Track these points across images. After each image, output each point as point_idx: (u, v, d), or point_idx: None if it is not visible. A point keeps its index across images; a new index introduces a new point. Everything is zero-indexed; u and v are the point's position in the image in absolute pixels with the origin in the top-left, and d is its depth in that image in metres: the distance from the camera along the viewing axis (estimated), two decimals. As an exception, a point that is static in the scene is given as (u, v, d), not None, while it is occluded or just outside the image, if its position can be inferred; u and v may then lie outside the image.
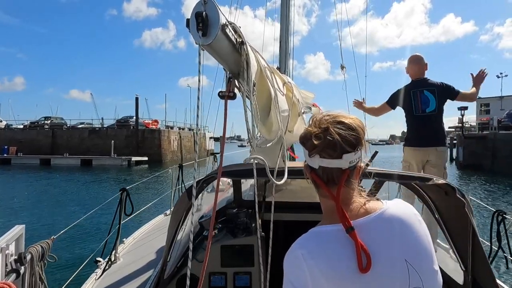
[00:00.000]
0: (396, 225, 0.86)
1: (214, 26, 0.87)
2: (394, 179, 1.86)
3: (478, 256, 1.78)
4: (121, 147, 31.96)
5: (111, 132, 34.56)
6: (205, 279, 2.20)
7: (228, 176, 1.90)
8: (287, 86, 1.73)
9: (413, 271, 0.83)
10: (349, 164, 0.87)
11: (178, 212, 2.02)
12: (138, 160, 30.24)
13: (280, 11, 5.14)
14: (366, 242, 0.81)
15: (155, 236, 3.88)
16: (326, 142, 0.86)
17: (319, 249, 0.83)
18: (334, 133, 0.86)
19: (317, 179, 0.91)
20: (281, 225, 3.19)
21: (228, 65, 1.08)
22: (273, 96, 1.26)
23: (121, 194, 3.36)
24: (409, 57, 3.90)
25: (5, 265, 1.88)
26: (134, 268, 2.95)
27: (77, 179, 20.45)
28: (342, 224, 0.83)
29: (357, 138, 0.88)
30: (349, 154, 0.86)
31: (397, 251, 0.84)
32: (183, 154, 38.09)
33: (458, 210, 1.74)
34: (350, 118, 0.91)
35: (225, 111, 1.05)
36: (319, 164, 0.88)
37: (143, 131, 34.21)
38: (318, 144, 0.87)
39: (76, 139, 34.55)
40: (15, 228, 2.06)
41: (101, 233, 7.80)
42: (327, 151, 0.86)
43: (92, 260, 3.18)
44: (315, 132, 0.88)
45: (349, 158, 0.87)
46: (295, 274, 0.83)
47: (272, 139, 1.30)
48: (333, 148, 0.86)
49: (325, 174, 0.89)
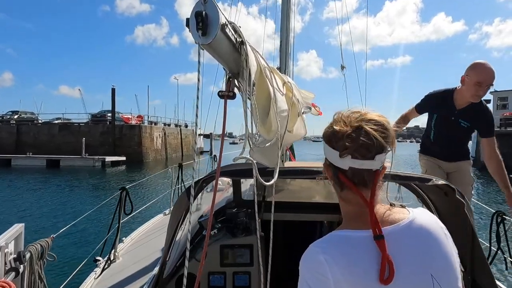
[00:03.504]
0: (424, 237, 0.83)
1: (214, 25, 0.87)
2: (394, 179, 1.86)
3: (478, 257, 1.78)
4: (96, 146, 28.06)
5: (84, 129, 30.31)
6: (204, 278, 2.20)
7: (226, 175, 1.90)
8: (287, 86, 1.73)
9: (438, 287, 0.79)
10: (380, 165, 0.83)
11: (177, 212, 2.02)
12: (115, 161, 26.17)
13: (281, 10, 5.14)
14: (392, 252, 0.77)
15: (154, 235, 3.88)
16: (360, 142, 0.80)
17: (344, 255, 0.78)
18: (370, 132, 0.80)
19: (347, 181, 0.84)
20: (280, 225, 3.19)
21: (228, 64, 1.08)
22: (272, 96, 1.26)
23: (120, 193, 3.36)
24: (480, 68, 2.67)
25: (4, 263, 1.88)
26: (133, 267, 2.95)
27: (35, 185, 16.44)
28: (373, 230, 0.79)
29: (389, 137, 0.83)
30: (382, 154, 0.82)
31: (423, 265, 0.80)
32: (168, 152, 34.17)
33: (457, 211, 1.75)
34: (377, 115, 0.86)
35: (224, 111, 1.05)
36: (349, 165, 0.82)
37: (121, 127, 29.76)
38: (351, 144, 0.81)
39: (44, 136, 29.86)
40: (15, 227, 2.06)
41: (100, 232, 7.80)
42: (361, 151, 0.80)
43: (91, 259, 3.19)
44: (347, 131, 0.82)
45: (381, 159, 0.82)
46: (318, 280, 0.77)
47: (271, 139, 1.30)
48: (368, 149, 0.80)
49: (356, 176, 0.83)
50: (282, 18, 5.09)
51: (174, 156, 34.98)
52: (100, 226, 8.52)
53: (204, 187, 2.12)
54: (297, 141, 3.87)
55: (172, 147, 35.84)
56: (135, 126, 30.31)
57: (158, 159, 31.07)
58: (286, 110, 1.52)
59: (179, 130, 39.21)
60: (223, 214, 2.70)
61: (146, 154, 29.68)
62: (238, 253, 2.26)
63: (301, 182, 3.59)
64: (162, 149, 33.21)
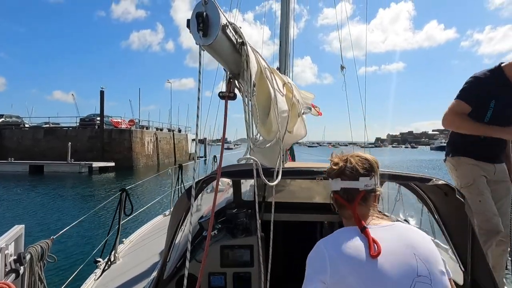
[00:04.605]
0: (404, 233, 1.05)
1: (214, 26, 0.87)
2: (394, 179, 1.86)
3: (478, 257, 1.78)
4: (83, 151, 26.61)
5: (71, 133, 28.53)
6: (204, 279, 2.20)
7: (227, 176, 1.91)
8: (287, 86, 1.73)
9: (421, 263, 0.98)
10: (364, 187, 1.10)
11: (177, 213, 2.02)
12: (103, 167, 24.63)
13: (280, 11, 5.15)
14: (378, 239, 0.99)
15: (154, 236, 3.88)
16: (346, 168, 1.12)
17: (337, 239, 1.04)
18: (353, 162, 1.12)
19: (340, 198, 1.14)
20: (280, 225, 3.19)
21: (228, 65, 1.08)
22: (273, 96, 1.26)
23: (120, 195, 3.36)
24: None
25: (4, 265, 1.87)
26: (134, 268, 2.95)
27: (15, 193, 15.21)
28: (358, 225, 1.05)
29: (371, 166, 1.12)
30: (365, 177, 1.10)
31: (406, 248, 1.00)
32: (160, 158, 32.44)
33: (457, 211, 1.75)
34: (365, 154, 1.17)
35: (225, 112, 1.05)
36: (341, 186, 1.12)
37: (110, 131, 28.27)
38: (340, 170, 1.13)
39: (28, 141, 28.26)
40: (15, 228, 2.05)
41: (100, 234, 7.79)
42: (347, 174, 1.11)
43: (92, 260, 3.18)
44: (339, 162, 1.15)
45: (365, 181, 1.10)
46: (316, 256, 1.03)
47: (271, 140, 1.30)
48: (352, 172, 1.11)
49: (346, 194, 1.12)
50: (282, 19, 5.09)
51: (167, 161, 32.95)
52: (100, 227, 8.51)
53: (204, 188, 2.12)
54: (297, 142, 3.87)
55: (165, 153, 34.01)
56: (125, 130, 28.81)
57: (149, 165, 29.71)
58: (286, 111, 1.52)
59: (172, 135, 37.22)
60: (223, 214, 2.70)
61: (137, 159, 28.24)
62: (238, 254, 2.26)
63: (301, 183, 3.59)
64: (153, 154, 31.64)
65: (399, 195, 3.46)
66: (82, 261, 3.21)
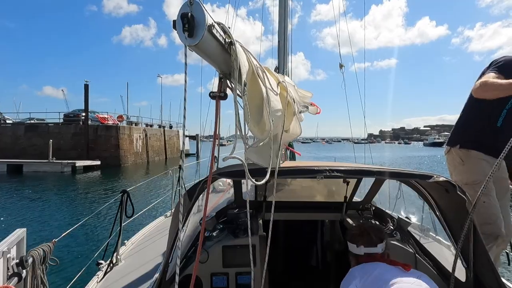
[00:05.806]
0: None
1: (200, 27, 0.87)
2: (395, 176, 1.85)
3: (480, 253, 1.77)
4: (67, 149, 24.92)
5: (54, 130, 26.31)
6: (207, 280, 2.20)
7: (223, 176, 1.91)
8: (281, 85, 1.73)
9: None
10: (381, 250, 1.61)
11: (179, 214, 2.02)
12: (87, 165, 23.03)
13: (278, 9, 5.15)
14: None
15: (156, 238, 3.89)
16: (366, 238, 1.63)
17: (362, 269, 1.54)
18: (371, 234, 1.64)
19: (363, 260, 1.60)
20: (282, 225, 3.19)
21: (218, 65, 1.08)
22: (265, 96, 1.26)
23: (121, 196, 3.36)
24: None
25: (6, 269, 1.89)
26: (136, 270, 2.96)
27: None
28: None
29: (383, 234, 1.66)
30: (382, 244, 1.63)
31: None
32: (150, 156, 30.61)
33: (458, 207, 1.74)
34: (377, 225, 1.58)
35: (216, 112, 1.05)
36: (364, 251, 1.61)
37: (95, 128, 26.11)
38: (362, 240, 1.63)
39: (7, 138, 26.10)
40: (16, 232, 2.07)
41: (102, 236, 7.82)
42: (368, 243, 1.62)
43: (94, 263, 3.19)
44: (360, 233, 1.67)
45: (382, 246, 1.62)
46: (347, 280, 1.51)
47: (264, 139, 1.30)
48: (371, 241, 1.62)
49: (368, 257, 1.60)
50: (280, 17, 5.09)
51: (157, 159, 31.35)
52: (102, 229, 8.54)
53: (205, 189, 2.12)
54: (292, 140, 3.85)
55: (155, 150, 32.05)
56: (111, 126, 26.61)
57: (138, 163, 27.79)
58: (281, 110, 1.52)
59: (163, 131, 35.03)
60: (224, 215, 2.70)
61: (125, 157, 26.31)
62: (240, 254, 2.26)
63: (301, 182, 3.59)
64: (143, 152, 29.75)
65: (400, 193, 3.45)
66: (84, 263, 3.21)
